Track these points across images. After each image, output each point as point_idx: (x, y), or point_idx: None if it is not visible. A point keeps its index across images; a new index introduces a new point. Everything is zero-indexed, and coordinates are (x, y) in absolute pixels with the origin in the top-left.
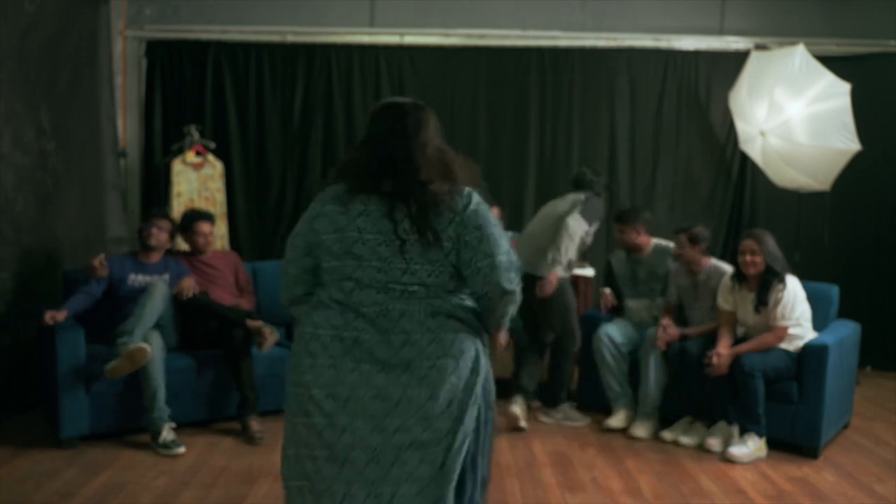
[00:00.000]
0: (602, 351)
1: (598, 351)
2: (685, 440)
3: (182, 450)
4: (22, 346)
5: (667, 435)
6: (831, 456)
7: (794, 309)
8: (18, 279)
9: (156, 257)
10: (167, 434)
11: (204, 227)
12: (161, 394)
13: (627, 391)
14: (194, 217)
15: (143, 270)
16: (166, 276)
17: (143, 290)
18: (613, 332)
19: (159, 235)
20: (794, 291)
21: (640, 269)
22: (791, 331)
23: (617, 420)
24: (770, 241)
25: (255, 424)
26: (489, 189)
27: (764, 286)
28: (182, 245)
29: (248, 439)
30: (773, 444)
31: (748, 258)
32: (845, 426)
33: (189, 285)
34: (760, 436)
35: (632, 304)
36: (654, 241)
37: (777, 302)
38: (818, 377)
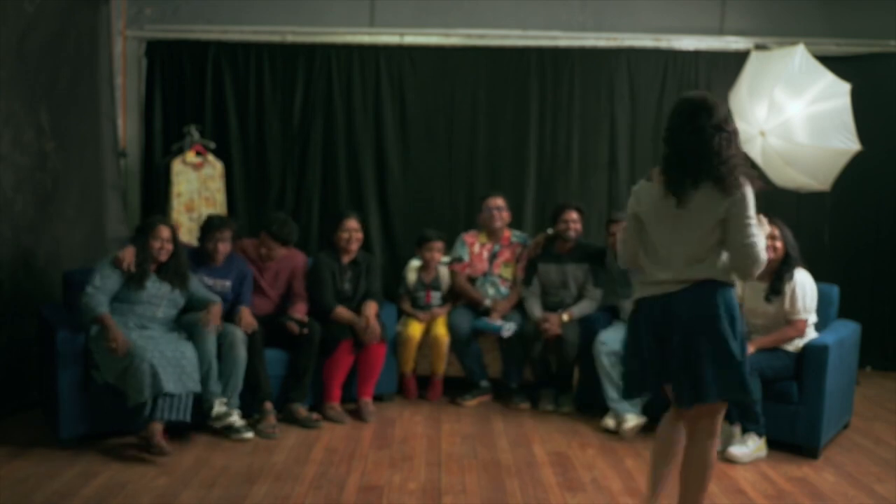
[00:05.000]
0: (600, 359)
1: (596, 358)
2: None
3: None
4: (21, 345)
5: None
6: (831, 456)
7: (806, 300)
8: (17, 279)
9: (221, 260)
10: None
11: (280, 251)
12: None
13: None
14: (273, 236)
15: (210, 274)
16: (227, 283)
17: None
18: (610, 339)
19: (225, 248)
20: (808, 283)
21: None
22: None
23: (614, 422)
24: (788, 230)
25: (304, 410)
26: (490, 188)
27: (779, 275)
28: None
29: (305, 424)
30: (773, 444)
31: (769, 243)
32: (845, 426)
33: (248, 323)
34: (760, 435)
35: (626, 305)
36: None
37: (793, 292)
38: (818, 377)
